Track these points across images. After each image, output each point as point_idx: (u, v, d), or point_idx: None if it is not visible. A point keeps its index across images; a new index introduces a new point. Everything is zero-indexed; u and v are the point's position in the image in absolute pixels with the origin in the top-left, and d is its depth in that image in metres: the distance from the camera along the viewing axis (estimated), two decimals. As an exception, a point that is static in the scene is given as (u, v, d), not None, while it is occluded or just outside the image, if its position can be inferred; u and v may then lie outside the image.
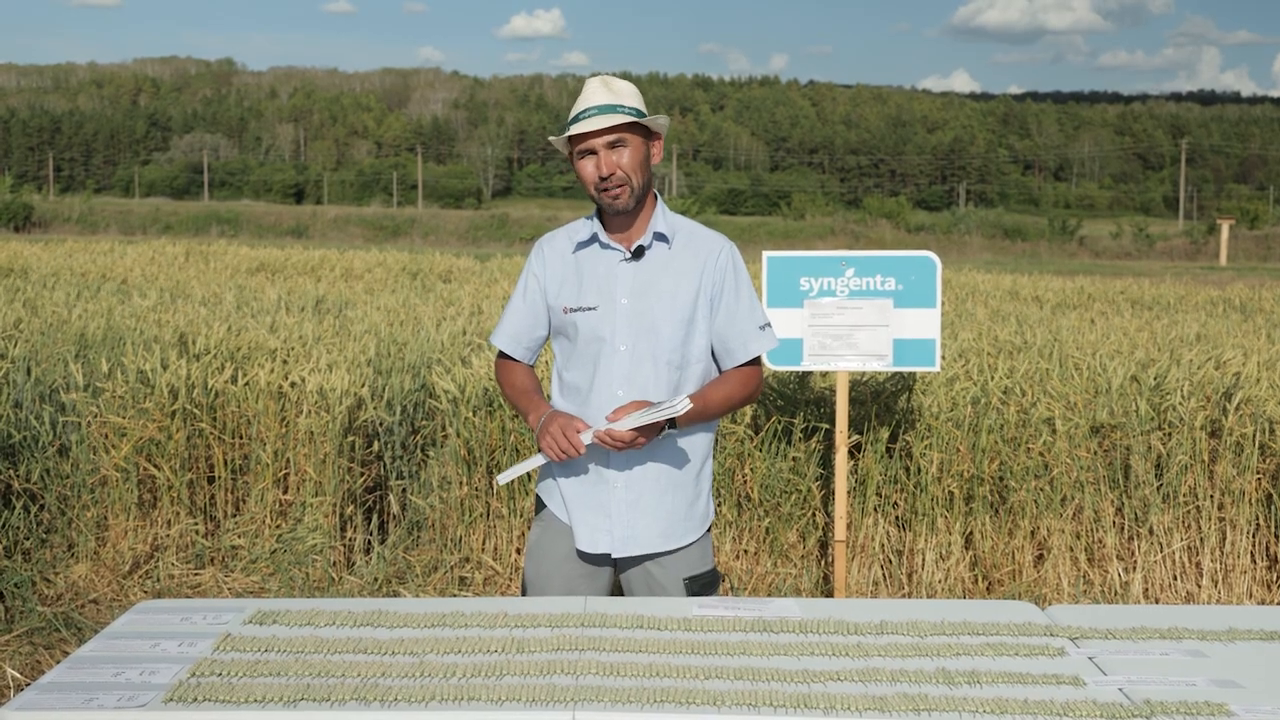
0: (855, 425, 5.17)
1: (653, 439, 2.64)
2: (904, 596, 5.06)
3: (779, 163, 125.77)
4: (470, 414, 5.23)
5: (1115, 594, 5.02)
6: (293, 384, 5.35)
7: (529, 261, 2.88)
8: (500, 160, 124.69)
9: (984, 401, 5.25)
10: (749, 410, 5.31)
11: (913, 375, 5.36)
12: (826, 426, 5.14)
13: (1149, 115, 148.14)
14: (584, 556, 2.81)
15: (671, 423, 2.65)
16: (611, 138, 2.68)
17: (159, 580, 4.97)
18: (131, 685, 2.02)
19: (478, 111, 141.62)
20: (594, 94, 2.71)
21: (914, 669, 2.14)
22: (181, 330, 7.21)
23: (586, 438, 2.63)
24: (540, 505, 2.92)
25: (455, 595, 4.95)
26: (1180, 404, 5.13)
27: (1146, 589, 5.05)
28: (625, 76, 3.14)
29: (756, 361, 2.83)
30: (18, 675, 4.04)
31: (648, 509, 2.77)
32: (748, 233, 54.63)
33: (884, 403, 5.29)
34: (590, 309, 2.76)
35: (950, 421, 5.16)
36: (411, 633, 2.30)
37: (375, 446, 5.56)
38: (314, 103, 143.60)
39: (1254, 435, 5.02)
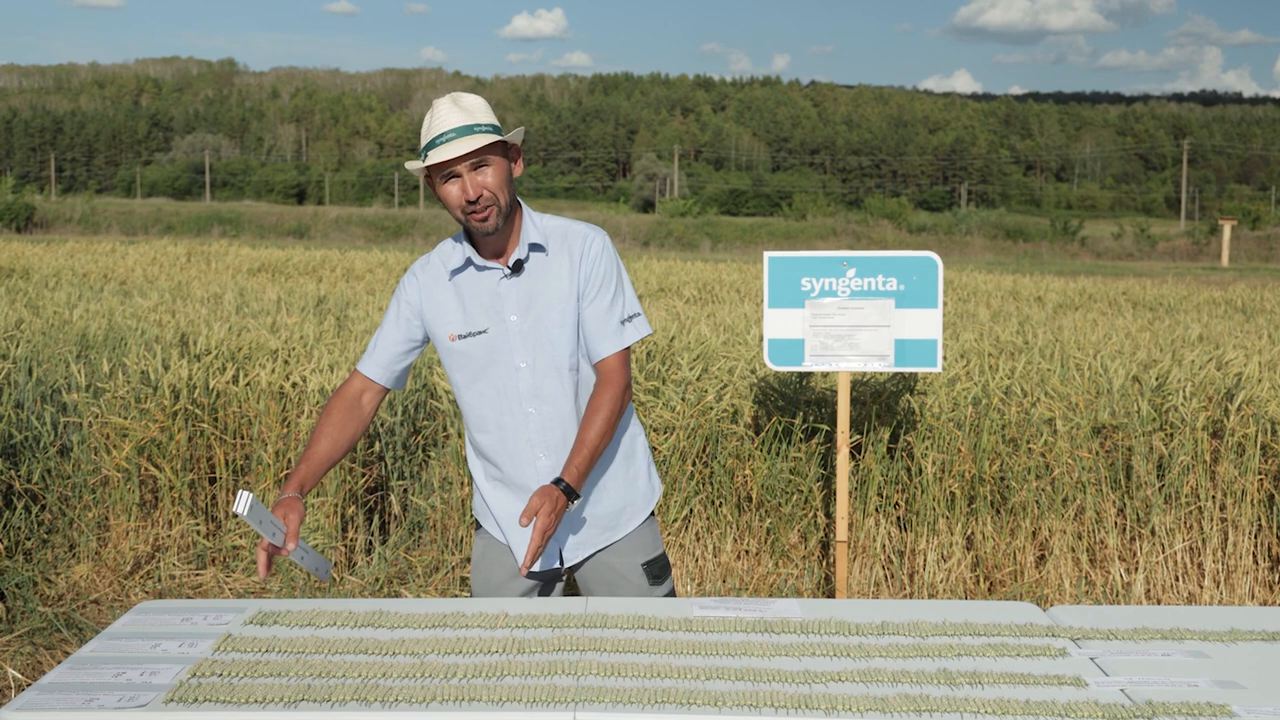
0: (856, 426, 5.17)
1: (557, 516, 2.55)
2: (905, 597, 5.06)
3: (780, 163, 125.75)
4: (471, 414, 5.23)
5: (1117, 595, 5.02)
6: (294, 384, 5.35)
7: (401, 290, 2.77)
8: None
9: (985, 402, 5.24)
10: (749, 411, 5.31)
11: (914, 376, 5.36)
12: (827, 427, 5.14)
13: (1151, 116, 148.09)
14: (534, 574, 2.79)
15: (572, 497, 2.58)
16: (474, 159, 2.58)
17: (160, 581, 4.97)
18: (132, 686, 2.02)
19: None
20: (447, 116, 2.58)
21: (915, 670, 2.14)
22: (183, 331, 7.21)
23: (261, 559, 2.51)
24: (478, 523, 2.90)
25: (456, 596, 4.95)
26: (1182, 404, 5.12)
27: (1148, 590, 5.04)
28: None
29: (618, 358, 2.72)
30: (19, 675, 4.04)
31: (587, 511, 2.76)
32: (749, 233, 54.64)
33: (885, 403, 5.29)
34: (480, 333, 2.68)
35: (951, 422, 5.16)
36: (412, 633, 2.30)
37: (376, 447, 5.56)
38: (316, 103, 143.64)
39: (1256, 436, 5.02)
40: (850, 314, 4.32)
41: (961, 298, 14.38)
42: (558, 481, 2.58)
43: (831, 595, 4.85)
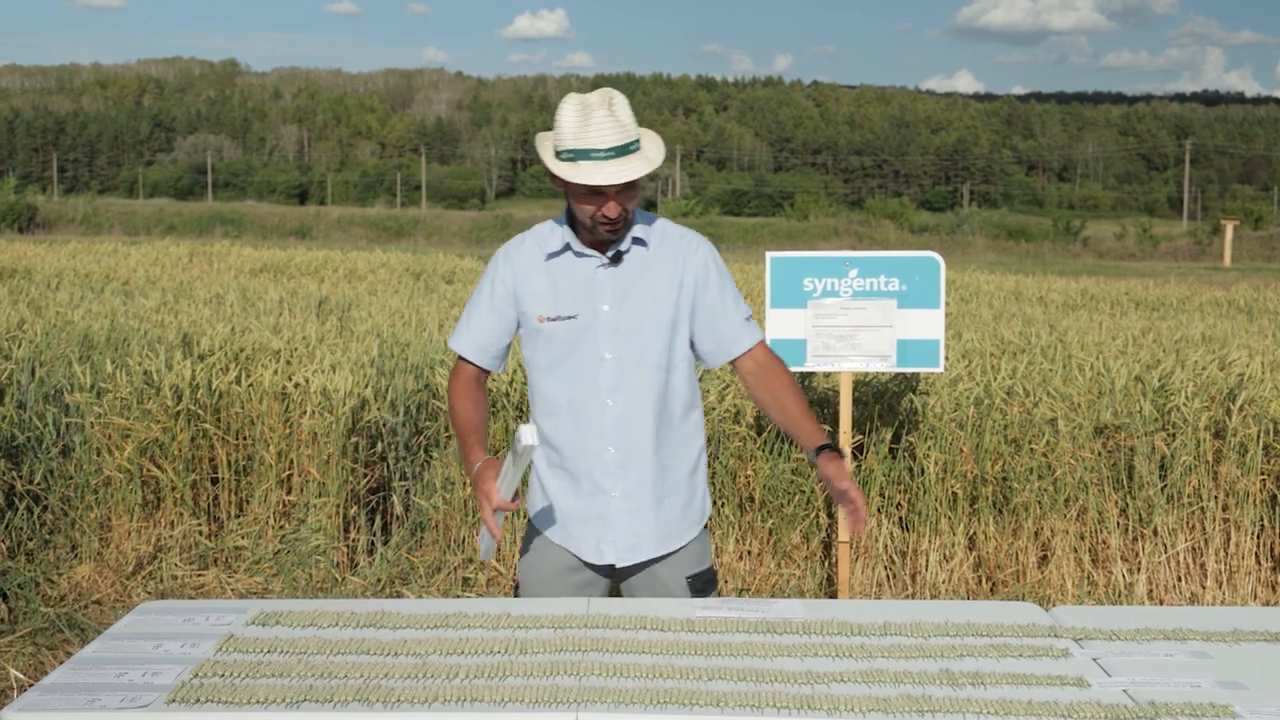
0: (858, 426, 5.17)
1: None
2: (907, 598, 5.06)
3: (782, 163, 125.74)
4: (473, 415, 5.22)
5: (1119, 595, 5.01)
6: (296, 385, 5.35)
7: (494, 267, 2.77)
8: (504, 161, 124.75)
9: (987, 402, 5.24)
10: (751, 411, 5.31)
11: (916, 376, 5.36)
12: (829, 428, 5.14)
13: (1153, 116, 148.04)
14: (586, 565, 2.78)
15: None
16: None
17: (162, 581, 4.97)
18: (134, 686, 2.02)
19: (481, 112, 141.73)
20: (607, 130, 2.51)
21: (918, 670, 2.14)
22: (185, 331, 7.21)
23: (499, 518, 2.58)
24: (529, 520, 2.89)
25: (458, 596, 4.95)
26: (1184, 405, 5.12)
27: (1150, 590, 5.04)
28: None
29: (763, 347, 2.78)
30: (21, 676, 4.04)
31: (647, 516, 2.74)
32: (751, 233, 54.63)
33: (887, 403, 5.29)
34: (570, 318, 2.67)
35: (954, 422, 5.15)
36: (414, 634, 2.30)
37: (379, 447, 5.57)
38: (318, 103, 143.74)
39: (1258, 436, 5.02)
40: (852, 314, 4.32)
41: (963, 298, 14.37)
42: (825, 447, 2.62)
43: (834, 596, 4.85)
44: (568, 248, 2.70)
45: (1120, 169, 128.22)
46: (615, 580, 2.84)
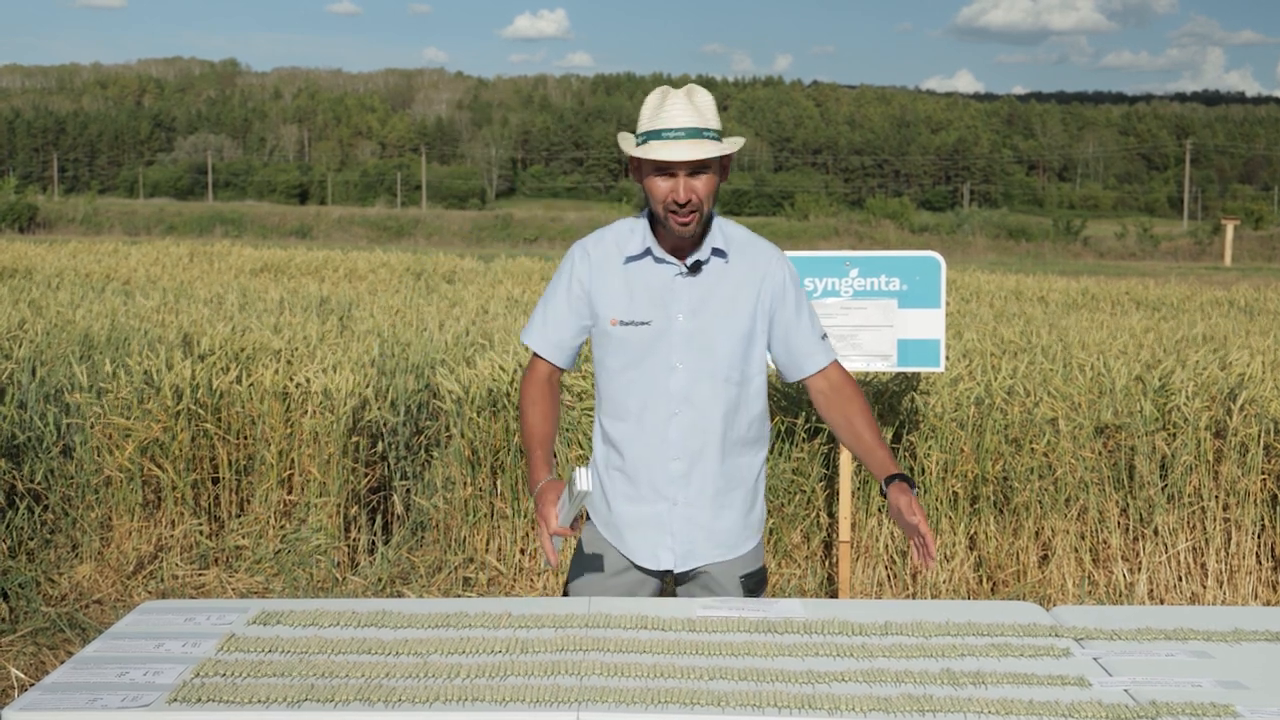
0: (859, 426, 5.16)
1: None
2: (908, 597, 5.05)
3: (783, 163, 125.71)
4: (474, 414, 5.23)
5: (1120, 595, 5.01)
6: (297, 385, 5.35)
7: (570, 264, 2.72)
8: (504, 161, 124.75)
9: (988, 402, 5.24)
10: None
11: (917, 375, 5.36)
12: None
13: (1153, 115, 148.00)
14: (640, 569, 2.78)
15: None
16: (695, 165, 2.55)
17: (163, 581, 4.97)
18: (135, 685, 2.02)
19: (482, 112, 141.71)
20: (679, 112, 2.53)
21: (919, 670, 2.14)
22: (186, 331, 7.21)
23: (557, 543, 2.58)
24: (586, 515, 2.88)
25: (459, 596, 4.95)
26: (1185, 404, 5.12)
27: (1151, 590, 5.04)
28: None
29: (836, 367, 2.77)
30: (22, 675, 4.04)
31: (706, 524, 2.73)
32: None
33: (888, 403, 5.29)
34: (643, 324, 2.64)
35: (954, 422, 5.15)
36: (415, 633, 2.30)
37: (379, 447, 5.57)
38: (318, 103, 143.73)
39: (1259, 435, 5.02)
40: (853, 314, 4.32)
41: (964, 298, 14.36)
42: (895, 477, 2.59)
43: (835, 595, 4.85)
44: (648, 252, 2.68)
45: (1121, 169, 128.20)
46: (668, 583, 2.84)
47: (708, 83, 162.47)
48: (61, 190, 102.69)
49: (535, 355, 2.77)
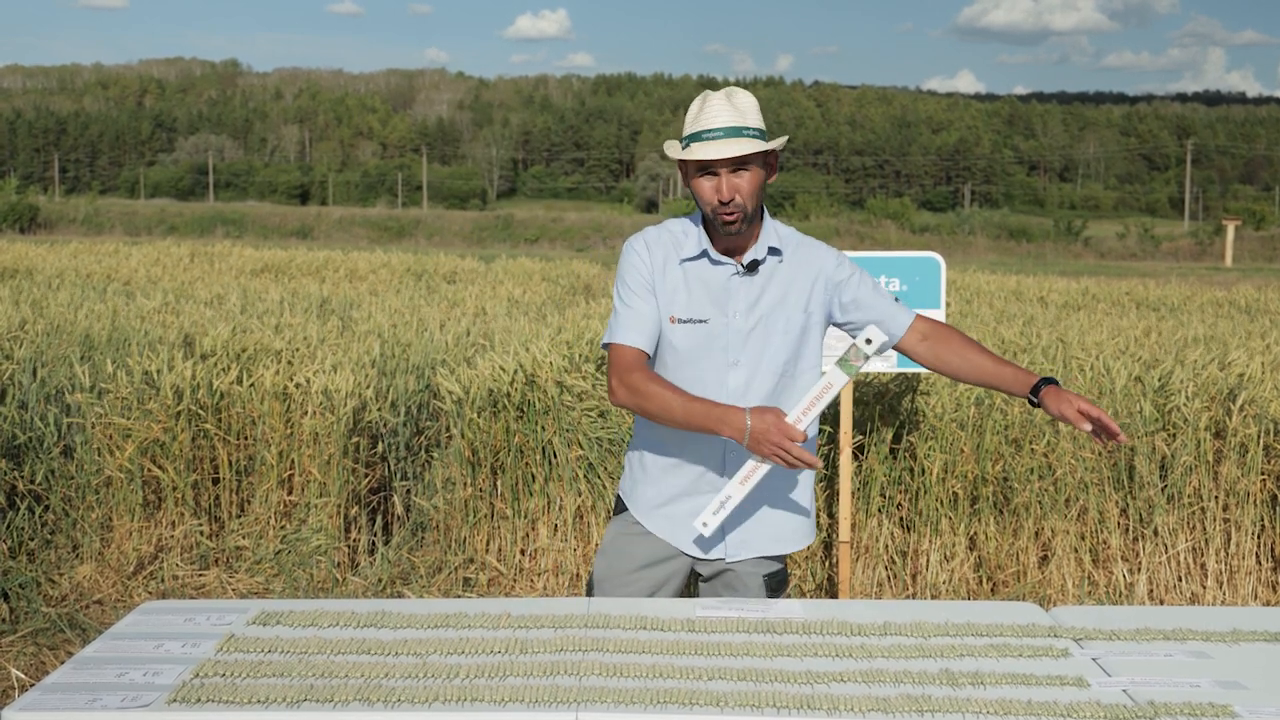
0: (859, 426, 5.17)
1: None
2: (908, 598, 5.06)
3: (783, 163, 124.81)
4: (475, 415, 5.23)
5: (1120, 595, 5.02)
6: (297, 385, 5.36)
7: (634, 257, 2.72)
8: (505, 161, 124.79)
9: (988, 402, 5.24)
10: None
11: (917, 376, 5.36)
12: (830, 428, 5.14)
13: (1154, 116, 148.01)
14: (671, 559, 2.79)
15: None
16: (735, 162, 2.59)
17: (163, 581, 4.98)
18: (135, 686, 2.03)
19: (483, 112, 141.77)
20: (718, 112, 2.60)
21: (918, 670, 2.14)
22: (186, 331, 7.22)
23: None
24: (621, 505, 2.89)
25: (459, 596, 4.95)
26: (1184, 405, 5.12)
27: (1151, 590, 5.04)
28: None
29: (919, 319, 2.80)
30: (22, 676, 4.05)
31: (761, 514, 2.77)
32: (752, 234, 54.44)
33: (888, 403, 5.29)
34: (701, 321, 2.68)
35: (954, 422, 5.16)
36: (415, 634, 2.31)
37: (380, 448, 5.57)
38: (319, 104, 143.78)
39: (1258, 436, 5.02)
40: (853, 314, 4.31)
41: (965, 298, 14.35)
42: (1042, 383, 2.62)
43: (834, 596, 4.85)
44: (704, 254, 2.71)
45: (1122, 169, 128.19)
46: (695, 579, 2.86)
47: (709, 83, 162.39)
48: (62, 191, 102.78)
49: (624, 352, 2.68)
